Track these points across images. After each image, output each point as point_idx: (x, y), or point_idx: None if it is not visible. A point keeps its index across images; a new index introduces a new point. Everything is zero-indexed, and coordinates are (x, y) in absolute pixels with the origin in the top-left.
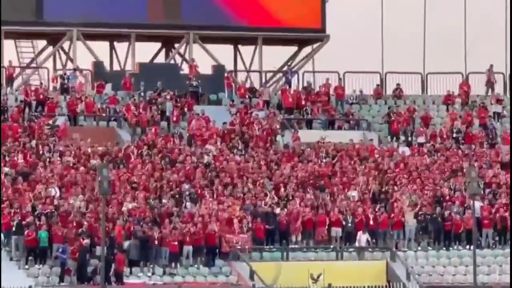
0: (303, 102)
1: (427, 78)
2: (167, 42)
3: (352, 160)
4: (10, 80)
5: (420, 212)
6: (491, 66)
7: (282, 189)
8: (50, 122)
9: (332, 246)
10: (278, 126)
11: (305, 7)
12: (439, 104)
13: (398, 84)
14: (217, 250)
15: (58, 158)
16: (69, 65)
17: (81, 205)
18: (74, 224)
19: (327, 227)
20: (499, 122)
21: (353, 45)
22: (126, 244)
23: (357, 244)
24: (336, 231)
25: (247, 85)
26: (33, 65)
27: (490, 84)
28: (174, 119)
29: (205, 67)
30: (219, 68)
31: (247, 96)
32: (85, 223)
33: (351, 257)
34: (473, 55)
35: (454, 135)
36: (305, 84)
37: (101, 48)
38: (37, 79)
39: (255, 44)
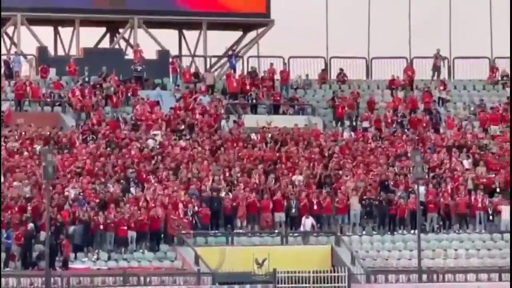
0: (247, 87)
1: (372, 62)
2: (111, 27)
3: (297, 144)
4: None
5: (364, 197)
6: (438, 50)
7: (228, 174)
8: None
9: (276, 231)
10: (222, 111)
11: None
12: (384, 88)
13: (341, 69)
14: (162, 235)
15: (3, 143)
16: (13, 50)
17: (26, 190)
18: (20, 209)
19: (272, 211)
20: (443, 107)
21: (297, 30)
22: (71, 229)
23: (301, 228)
24: (280, 216)
25: (192, 70)
26: None
27: (436, 68)
28: (116, 104)
29: (149, 52)
30: (163, 53)
31: (192, 81)
32: (30, 208)
33: (296, 242)
34: (417, 40)
35: (399, 119)
36: (250, 69)
37: (45, 33)
38: None
39: (199, 29)
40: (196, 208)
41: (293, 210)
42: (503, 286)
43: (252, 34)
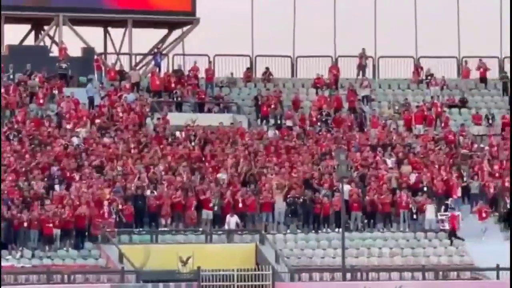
0: (173, 85)
1: (297, 61)
2: (36, 24)
3: (222, 143)
4: None
5: (289, 195)
6: (363, 49)
7: (152, 172)
8: None
9: (201, 229)
10: (147, 109)
11: None
12: (309, 87)
13: (267, 68)
14: (86, 233)
15: None
16: None
17: None
18: None
19: (196, 210)
20: (368, 106)
21: (223, 28)
22: None
23: (226, 227)
24: (207, 214)
25: (117, 68)
26: None
27: (361, 67)
28: (41, 101)
29: (74, 50)
30: (89, 51)
31: (116, 79)
32: None
33: (220, 240)
34: (342, 39)
35: (323, 118)
36: (175, 67)
37: None
38: None
39: (125, 26)
40: (120, 206)
41: (216, 209)
42: (426, 285)
43: (177, 32)
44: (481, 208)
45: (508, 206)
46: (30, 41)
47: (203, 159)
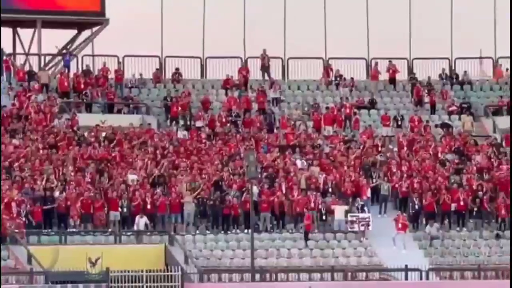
0: (82, 86)
1: (207, 62)
2: None
3: (131, 143)
4: None
5: (198, 196)
6: (264, 50)
7: (61, 173)
8: None
9: (110, 230)
10: (56, 110)
11: None
12: (218, 88)
13: (177, 69)
14: None
15: None
16: None
17: None
18: None
19: (105, 211)
20: (277, 107)
21: (133, 29)
22: None
23: (135, 228)
24: (115, 215)
25: (26, 69)
26: None
27: (264, 68)
28: None
29: None
30: None
31: (25, 80)
32: None
33: (129, 241)
34: (252, 39)
35: (233, 119)
36: (85, 68)
37: None
38: None
39: (34, 27)
40: (29, 207)
41: (125, 210)
42: (335, 286)
43: (87, 33)
44: (398, 218)
45: (417, 207)
46: None
47: (112, 160)
